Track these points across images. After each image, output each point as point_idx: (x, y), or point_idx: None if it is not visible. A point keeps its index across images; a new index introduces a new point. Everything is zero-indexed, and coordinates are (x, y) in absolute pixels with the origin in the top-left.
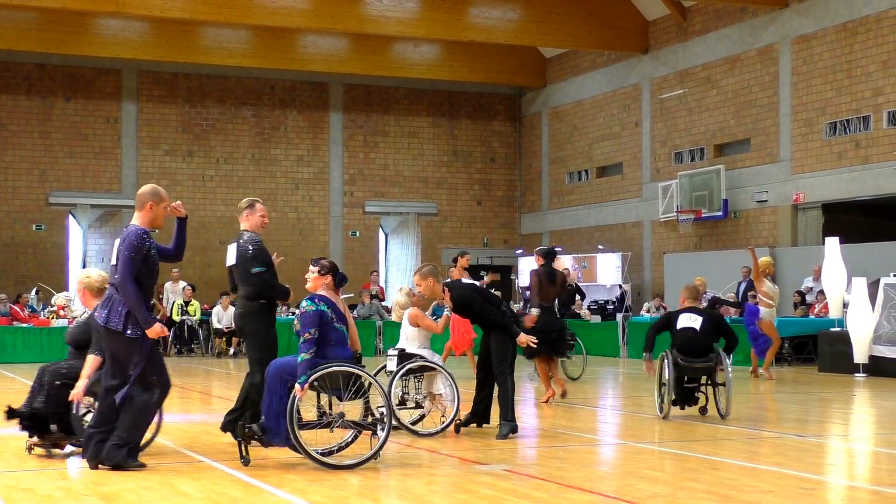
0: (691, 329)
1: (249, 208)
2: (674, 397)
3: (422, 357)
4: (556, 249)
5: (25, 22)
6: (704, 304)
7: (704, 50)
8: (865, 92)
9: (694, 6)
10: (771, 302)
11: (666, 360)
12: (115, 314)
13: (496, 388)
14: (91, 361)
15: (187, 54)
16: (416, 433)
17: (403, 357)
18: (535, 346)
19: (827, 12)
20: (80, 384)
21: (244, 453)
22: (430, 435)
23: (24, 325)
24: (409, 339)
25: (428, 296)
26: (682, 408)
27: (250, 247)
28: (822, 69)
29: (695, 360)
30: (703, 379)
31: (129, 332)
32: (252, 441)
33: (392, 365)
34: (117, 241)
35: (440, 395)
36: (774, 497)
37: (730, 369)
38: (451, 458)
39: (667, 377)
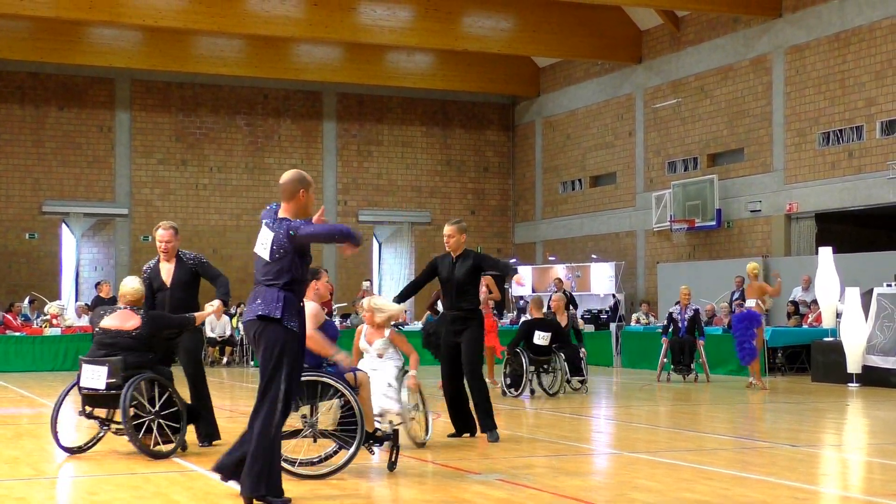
0: (543, 345)
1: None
2: (509, 382)
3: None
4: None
5: (19, 31)
6: (690, 314)
7: (697, 60)
8: (858, 102)
9: (687, 16)
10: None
11: (523, 358)
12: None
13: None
14: None
15: (181, 63)
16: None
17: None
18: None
19: (820, 23)
20: None
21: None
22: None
23: (17, 333)
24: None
25: (453, 249)
26: (516, 389)
27: None
28: (814, 79)
29: (541, 357)
30: (532, 368)
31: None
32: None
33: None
34: (269, 237)
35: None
36: None
37: (563, 361)
38: (443, 468)
39: (524, 369)
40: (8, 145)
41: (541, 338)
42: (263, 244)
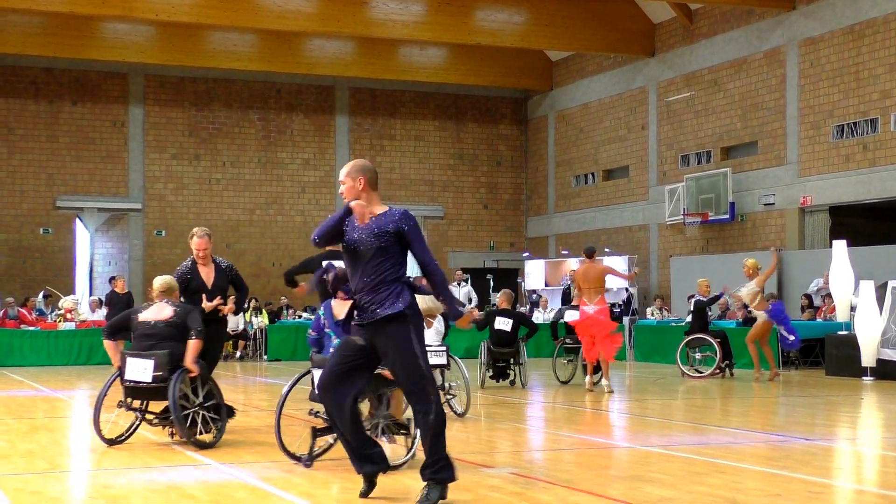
0: (504, 331)
1: None
2: (492, 373)
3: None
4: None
5: (32, 26)
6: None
7: (711, 53)
8: (873, 94)
9: (700, 9)
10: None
11: (482, 347)
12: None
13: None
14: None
15: (194, 58)
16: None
17: None
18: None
19: (834, 15)
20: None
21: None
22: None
23: (32, 328)
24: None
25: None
26: (498, 381)
27: None
28: (829, 72)
29: (503, 348)
30: (510, 361)
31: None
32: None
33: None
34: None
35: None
36: (782, 501)
37: (525, 352)
38: (457, 461)
39: (483, 360)
40: (22, 140)
41: (503, 322)
42: None
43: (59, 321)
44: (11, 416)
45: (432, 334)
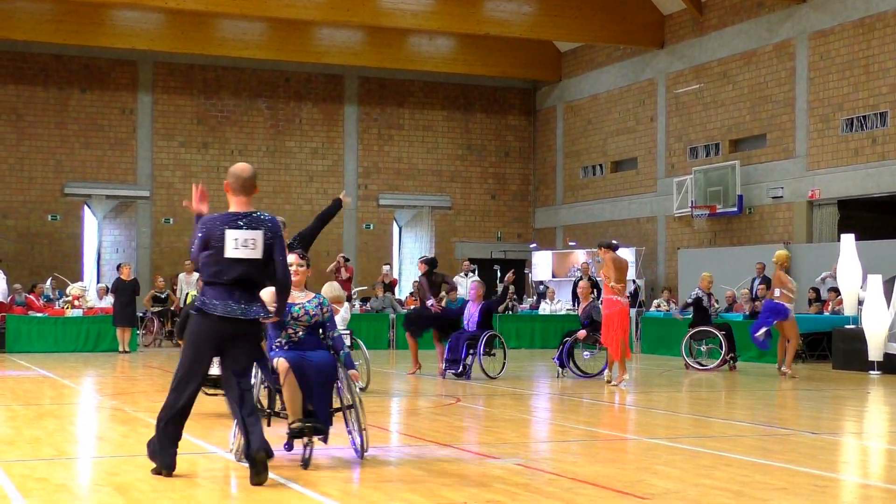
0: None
1: None
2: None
3: None
4: (432, 258)
5: (42, 13)
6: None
7: (720, 45)
8: (882, 88)
9: (710, 1)
10: (791, 296)
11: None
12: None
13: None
14: None
15: (203, 46)
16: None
17: None
18: None
19: (844, 8)
20: None
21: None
22: None
23: (40, 314)
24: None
25: None
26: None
27: None
28: (838, 65)
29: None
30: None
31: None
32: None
33: None
34: (258, 235)
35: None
36: (787, 494)
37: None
38: (463, 452)
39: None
40: (31, 127)
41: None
42: (249, 245)
43: (67, 308)
44: (18, 402)
45: (338, 321)
